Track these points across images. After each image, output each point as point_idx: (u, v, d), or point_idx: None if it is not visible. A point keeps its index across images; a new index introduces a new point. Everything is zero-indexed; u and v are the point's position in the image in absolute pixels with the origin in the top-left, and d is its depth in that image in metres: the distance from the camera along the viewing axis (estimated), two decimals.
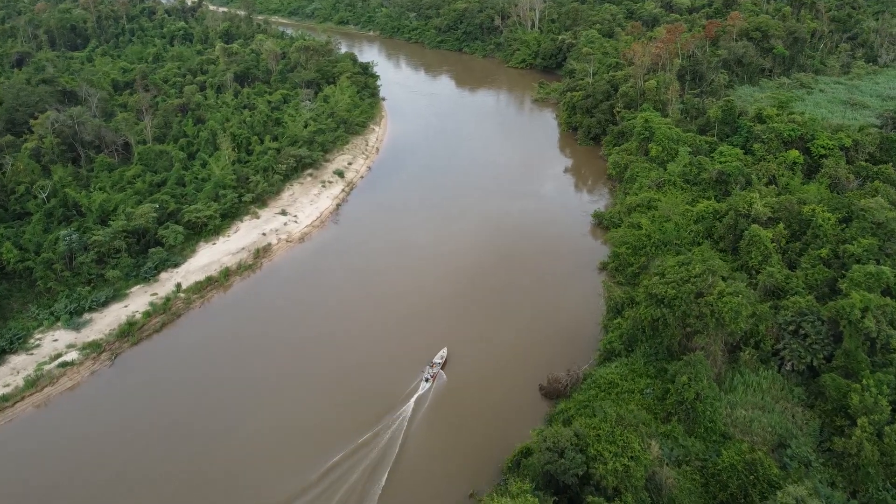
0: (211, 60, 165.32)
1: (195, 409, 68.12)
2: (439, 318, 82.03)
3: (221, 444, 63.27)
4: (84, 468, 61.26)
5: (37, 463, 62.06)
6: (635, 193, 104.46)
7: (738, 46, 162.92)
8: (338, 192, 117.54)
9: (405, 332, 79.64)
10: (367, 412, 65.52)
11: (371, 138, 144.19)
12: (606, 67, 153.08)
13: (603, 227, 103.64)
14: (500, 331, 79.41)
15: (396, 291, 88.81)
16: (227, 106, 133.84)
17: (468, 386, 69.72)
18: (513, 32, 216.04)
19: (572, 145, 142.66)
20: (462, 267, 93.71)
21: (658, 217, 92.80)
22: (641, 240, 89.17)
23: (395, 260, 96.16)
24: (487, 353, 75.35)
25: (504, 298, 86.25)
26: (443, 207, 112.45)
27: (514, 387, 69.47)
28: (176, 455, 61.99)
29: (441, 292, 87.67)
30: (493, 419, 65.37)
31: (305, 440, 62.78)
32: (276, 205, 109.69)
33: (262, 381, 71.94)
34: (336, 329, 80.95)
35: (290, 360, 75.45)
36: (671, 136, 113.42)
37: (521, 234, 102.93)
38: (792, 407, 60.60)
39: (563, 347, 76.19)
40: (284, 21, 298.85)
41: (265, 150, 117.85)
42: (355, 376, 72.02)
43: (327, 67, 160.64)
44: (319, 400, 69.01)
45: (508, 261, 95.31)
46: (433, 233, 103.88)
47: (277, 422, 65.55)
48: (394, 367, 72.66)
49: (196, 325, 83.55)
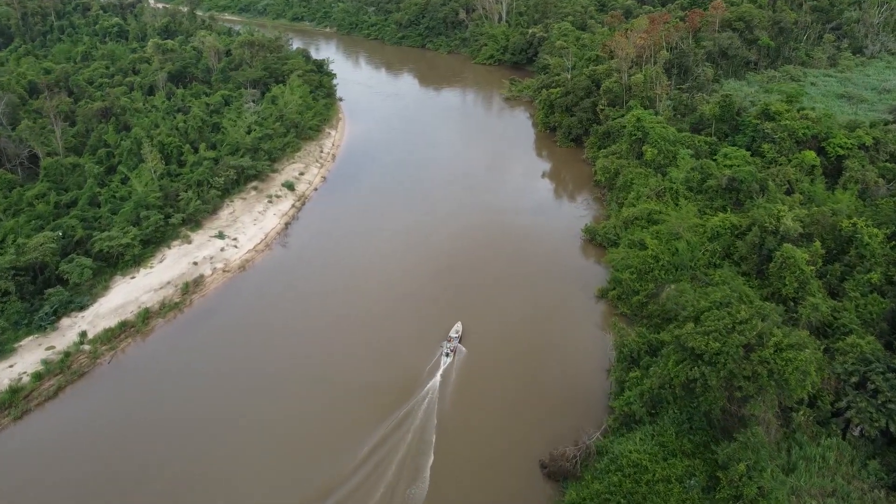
0: (145, 59, 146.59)
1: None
2: (406, 361, 66.69)
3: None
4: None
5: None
6: (632, 204, 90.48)
7: (723, 38, 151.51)
8: (287, 208, 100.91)
9: (368, 371, 64.32)
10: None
11: (326, 144, 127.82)
12: (585, 61, 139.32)
13: (596, 244, 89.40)
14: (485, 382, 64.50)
15: (353, 326, 73.22)
16: (157, 110, 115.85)
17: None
18: (479, 27, 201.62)
19: (551, 147, 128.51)
20: (432, 295, 78.44)
21: (664, 234, 78.82)
22: (647, 262, 75.04)
23: (351, 292, 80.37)
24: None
25: (485, 339, 71.22)
26: (408, 223, 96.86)
27: (506, 468, 54.49)
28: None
29: (408, 329, 72.29)
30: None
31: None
32: (211, 226, 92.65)
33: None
34: (281, 377, 65.04)
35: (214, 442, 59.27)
36: (667, 137, 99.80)
37: (502, 254, 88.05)
38: (870, 490, 46.81)
39: (562, 402, 61.50)
40: (234, 18, 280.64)
41: (200, 161, 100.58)
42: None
43: (276, 65, 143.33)
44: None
45: (489, 287, 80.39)
46: (397, 255, 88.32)
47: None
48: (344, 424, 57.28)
49: (104, 386, 66.22)
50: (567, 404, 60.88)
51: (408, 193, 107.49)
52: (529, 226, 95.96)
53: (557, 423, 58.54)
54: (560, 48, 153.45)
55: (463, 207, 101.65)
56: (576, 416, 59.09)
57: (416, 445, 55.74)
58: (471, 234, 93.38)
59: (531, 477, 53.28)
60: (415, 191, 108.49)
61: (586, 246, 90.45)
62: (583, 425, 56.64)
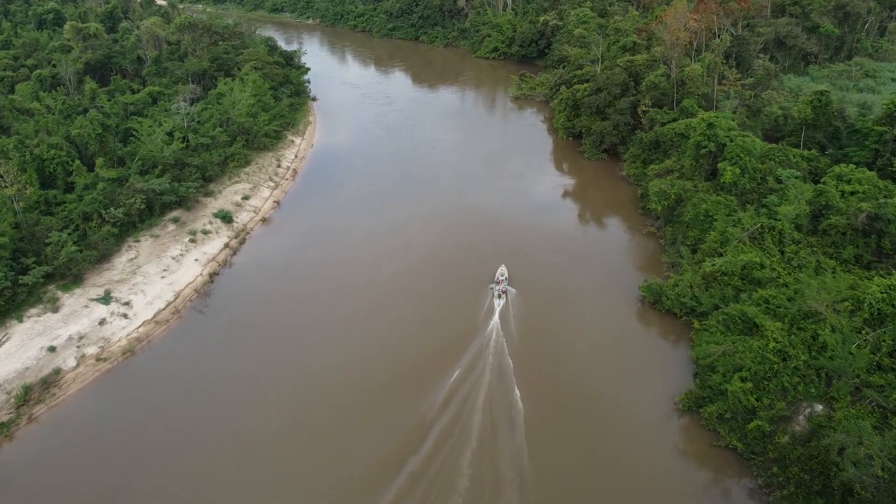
0: (66, 48, 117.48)
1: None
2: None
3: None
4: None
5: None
6: (715, 250, 61.51)
7: (780, 24, 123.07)
8: (216, 251, 71.43)
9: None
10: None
11: (287, 155, 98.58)
12: (618, 50, 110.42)
13: (662, 309, 60.46)
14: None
15: (298, 456, 44.45)
16: (51, 111, 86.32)
17: None
18: (480, 16, 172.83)
19: (575, 159, 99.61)
20: (422, 399, 49.84)
21: (785, 307, 49.80)
22: (769, 361, 46.01)
23: (298, 398, 51.46)
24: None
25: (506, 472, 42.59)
26: (389, 276, 67.90)
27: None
28: None
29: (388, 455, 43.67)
30: None
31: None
32: (97, 281, 63.25)
33: None
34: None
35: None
36: (752, 151, 70.88)
37: (532, 328, 59.18)
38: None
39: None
40: (210, 10, 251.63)
41: (93, 183, 71.25)
42: None
43: (227, 55, 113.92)
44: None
45: (503, 383, 51.75)
46: (373, 327, 59.41)
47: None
48: None
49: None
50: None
51: (389, 229, 78.36)
52: (561, 274, 66.91)
53: None
54: (580, 37, 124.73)
55: (470, 257, 72.63)
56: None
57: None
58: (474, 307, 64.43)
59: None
60: (398, 226, 79.38)
61: (646, 312, 61.32)
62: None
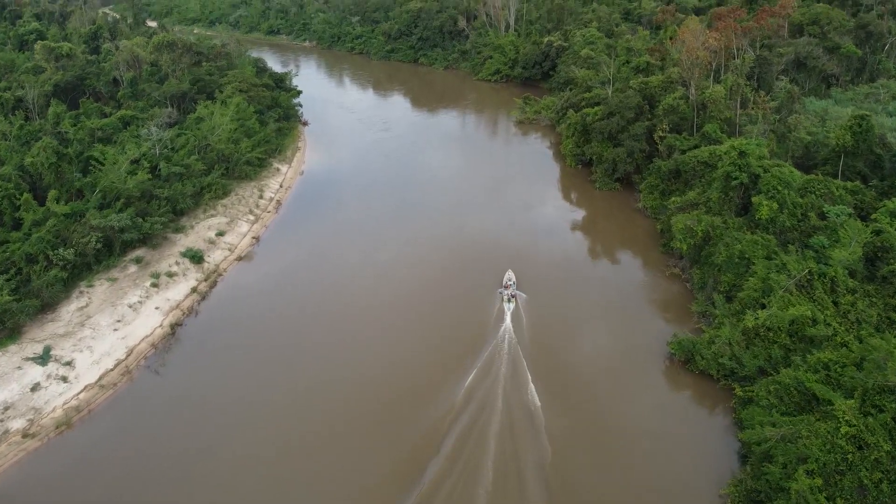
0: (40, 69, 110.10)
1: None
2: None
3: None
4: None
5: None
6: (755, 300, 52.74)
7: (801, 44, 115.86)
8: (181, 297, 62.55)
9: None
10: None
11: (271, 185, 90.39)
12: (630, 71, 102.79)
13: (694, 371, 51.53)
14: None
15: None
16: (6, 138, 78.25)
17: None
18: (482, 37, 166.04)
19: (584, 188, 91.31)
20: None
21: (862, 385, 40.88)
22: (843, 451, 37.08)
23: (273, 477, 42.51)
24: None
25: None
26: (382, 328, 59.19)
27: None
28: None
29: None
30: None
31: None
32: (39, 335, 54.49)
33: None
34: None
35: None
36: (789, 182, 62.46)
37: (553, 396, 50.45)
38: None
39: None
40: (207, 33, 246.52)
41: (43, 219, 62.81)
42: None
43: (210, 76, 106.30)
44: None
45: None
46: (358, 391, 50.62)
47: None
48: None
49: None
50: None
51: (382, 269, 69.80)
52: (575, 326, 58.12)
53: None
54: (587, 57, 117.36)
55: (469, 306, 63.99)
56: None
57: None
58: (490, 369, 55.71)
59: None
60: (393, 267, 70.83)
61: (677, 373, 52.37)
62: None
